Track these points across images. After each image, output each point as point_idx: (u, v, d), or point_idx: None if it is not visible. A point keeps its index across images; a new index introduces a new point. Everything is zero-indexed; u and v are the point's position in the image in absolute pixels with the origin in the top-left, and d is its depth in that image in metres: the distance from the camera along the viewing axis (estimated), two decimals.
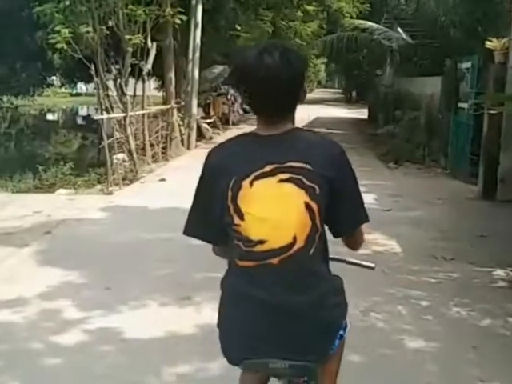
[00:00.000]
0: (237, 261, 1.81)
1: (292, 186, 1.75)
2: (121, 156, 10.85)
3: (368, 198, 7.96)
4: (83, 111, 36.34)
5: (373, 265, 2.24)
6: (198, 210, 1.92)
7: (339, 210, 1.82)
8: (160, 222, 6.56)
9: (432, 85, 11.69)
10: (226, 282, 1.90)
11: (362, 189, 1.90)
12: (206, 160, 1.89)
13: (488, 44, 7.78)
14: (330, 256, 1.96)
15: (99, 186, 9.59)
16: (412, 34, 15.37)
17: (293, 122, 1.88)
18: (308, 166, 1.76)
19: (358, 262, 2.18)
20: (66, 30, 9.93)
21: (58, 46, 10.08)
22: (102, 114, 10.94)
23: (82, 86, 36.35)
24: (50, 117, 35.16)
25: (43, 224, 6.50)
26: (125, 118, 10.64)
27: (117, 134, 10.70)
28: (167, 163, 12.13)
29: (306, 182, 1.75)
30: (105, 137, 9.90)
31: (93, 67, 10.35)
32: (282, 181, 1.75)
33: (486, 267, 5.05)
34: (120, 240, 5.79)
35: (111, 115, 10.53)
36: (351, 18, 23.38)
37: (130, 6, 10.79)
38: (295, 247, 1.75)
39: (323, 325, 1.81)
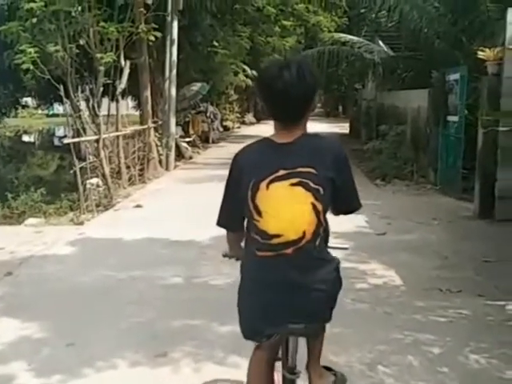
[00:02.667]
0: (256, 252, 2.18)
1: (301, 189, 2.12)
2: (95, 181, 10.23)
3: (359, 221, 7.45)
4: (60, 132, 35.63)
5: (347, 246, 2.62)
6: (227, 202, 2.29)
7: (338, 200, 2.21)
8: (134, 257, 5.95)
9: (418, 98, 11.28)
10: (247, 270, 2.27)
11: None
12: (233, 161, 2.26)
13: (480, 54, 7.35)
14: None
15: (71, 214, 8.96)
16: (393, 46, 15.04)
17: (305, 127, 2.24)
18: (314, 171, 2.13)
19: (334, 245, 2.42)
20: (32, 50, 9.32)
21: (24, 66, 9.47)
22: (75, 136, 10.36)
23: (58, 107, 35.66)
24: (25, 138, 34.46)
25: (5, 263, 5.85)
26: (98, 140, 10.02)
27: (90, 158, 10.11)
28: (145, 186, 11.52)
29: (312, 185, 2.12)
30: (76, 161, 9.28)
31: (63, 88, 9.86)
32: (292, 184, 2.12)
33: (497, 300, 4.53)
34: (88, 281, 5.16)
35: (83, 138, 9.91)
36: (329, 32, 23.13)
37: (102, 24, 10.24)
38: (304, 240, 2.14)
39: (326, 295, 2.22)
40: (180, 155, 15.87)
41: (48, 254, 6.16)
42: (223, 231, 2.52)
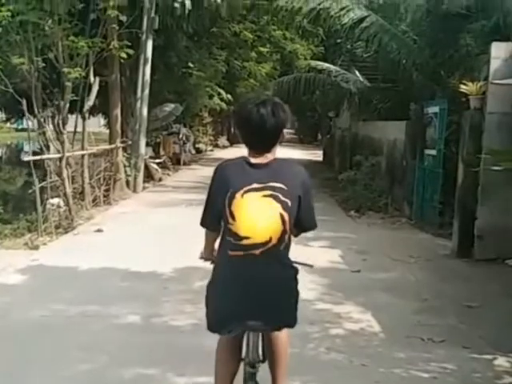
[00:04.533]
0: (229, 251, 2.53)
1: (271, 200, 2.49)
2: (56, 201, 9.64)
3: (333, 255, 7.08)
4: (27, 147, 34.67)
5: (311, 264, 2.83)
6: (208, 206, 2.64)
7: (300, 218, 2.59)
8: (88, 290, 5.42)
9: (395, 129, 11.07)
10: (219, 268, 2.61)
11: (324, 243, 4.33)
12: (215, 172, 2.64)
13: (463, 88, 7.13)
14: None
15: (28, 237, 8.36)
16: (370, 77, 14.94)
17: (274, 153, 2.63)
18: (284, 187, 2.51)
19: (299, 261, 2.68)
20: None
21: None
22: (45, 152, 9.77)
23: (28, 122, 34.74)
24: None
25: None
26: (60, 159, 9.48)
27: (52, 176, 9.54)
28: (109, 208, 10.96)
29: (282, 198, 2.50)
30: (36, 180, 8.72)
31: (29, 102, 9.38)
32: (265, 196, 2.49)
33: (484, 354, 4.15)
34: (33, 317, 4.61)
35: (44, 156, 9.35)
36: (305, 59, 23.12)
37: (71, 37, 9.79)
38: (271, 244, 2.48)
39: (286, 297, 2.58)
40: (149, 176, 15.38)
41: None
42: (187, 263, 3.85)
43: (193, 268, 5.97)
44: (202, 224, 2.70)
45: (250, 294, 2.48)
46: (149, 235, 7.92)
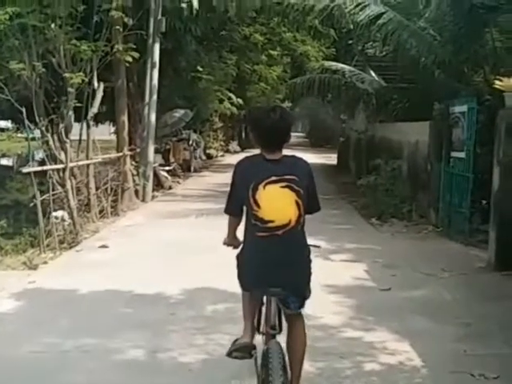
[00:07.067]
0: (256, 233, 3.01)
1: (288, 190, 2.99)
2: (60, 214, 9.10)
3: (357, 270, 6.44)
4: (39, 156, 34.54)
5: (319, 245, 3.41)
6: (232, 196, 3.17)
7: (308, 202, 3.07)
8: (88, 318, 4.82)
9: (417, 131, 10.41)
10: (248, 245, 3.12)
11: (346, 256, 5.00)
12: (236, 168, 3.17)
13: (497, 84, 6.50)
14: None
15: (30, 253, 7.83)
16: (386, 76, 14.31)
17: (282, 151, 3.13)
18: (296, 178, 3.02)
19: (308, 243, 3.16)
20: None
21: None
22: (47, 162, 9.24)
23: (37, 131, 34.63)
24: (4, 162, 33.50)
25: None
26: (64, 169, 8.95)
27: (56, 188, 9.02)
28: (116, 220, 10.40)
29: (296, 188, 3.00)
30: (37, 193, 8.20)
31: (30, 110, 8.92)
32: (282, 187, 2.99)
33: None
34: (22, 353, 4.01)
35: (45, 167, 8.82)
36: (317, 61, 22.50)
37: (74, 41, 9.29)
38: (290, 225, 2.99)
39: (301, 271, 3.10)
40: (159, 185, 14.86)
41: None
42: (197, 283, 5.18)
43: (203, 289, 5.46)
44: (227, 211, 3.21)
45: (272, 265, 2.96)
46: (156, 251, 7.34)
